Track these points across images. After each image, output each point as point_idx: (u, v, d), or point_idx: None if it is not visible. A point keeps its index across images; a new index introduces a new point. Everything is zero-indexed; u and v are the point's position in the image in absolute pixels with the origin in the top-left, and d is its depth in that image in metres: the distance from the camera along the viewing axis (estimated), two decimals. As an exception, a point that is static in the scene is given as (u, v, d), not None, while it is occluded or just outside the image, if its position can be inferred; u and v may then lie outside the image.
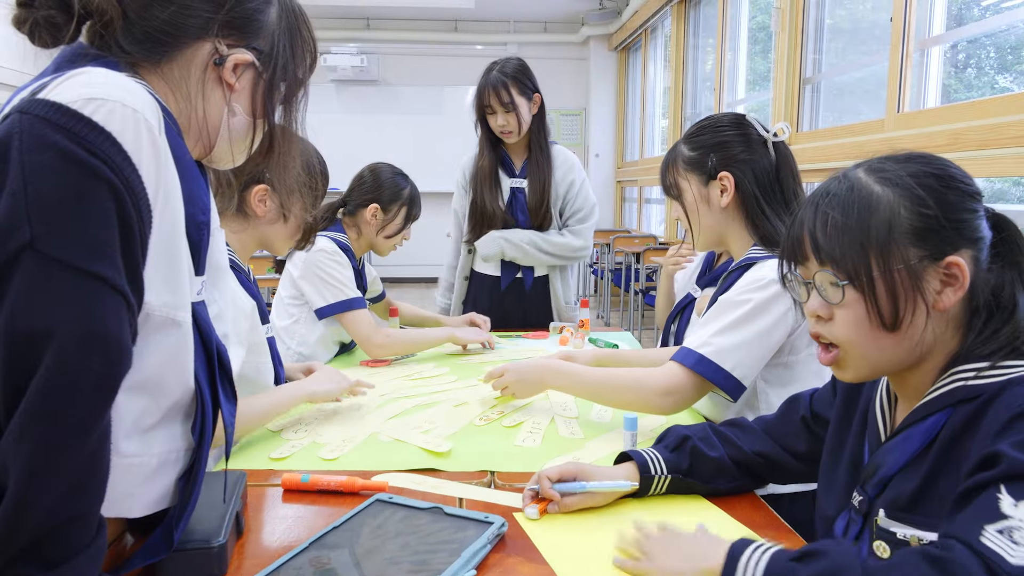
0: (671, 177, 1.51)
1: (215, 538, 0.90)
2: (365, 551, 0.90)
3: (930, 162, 0.86)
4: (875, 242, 0.83)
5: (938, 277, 0.82)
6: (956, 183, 0.84)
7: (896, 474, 0.84)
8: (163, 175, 0.73)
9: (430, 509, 1.00)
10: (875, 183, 0.85)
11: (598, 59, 8.47)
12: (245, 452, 1.32)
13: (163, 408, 0.80)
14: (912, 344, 0.84)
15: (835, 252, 0.85)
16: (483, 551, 0.92)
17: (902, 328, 0.83)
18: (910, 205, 0.83)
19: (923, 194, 0.83)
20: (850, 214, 0.84)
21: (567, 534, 1.00)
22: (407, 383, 1.80)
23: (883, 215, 0.83)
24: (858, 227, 0.84)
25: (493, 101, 2.39)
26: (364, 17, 8.42)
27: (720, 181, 1.44)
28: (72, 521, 0.67)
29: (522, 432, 1.42)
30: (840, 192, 0.87)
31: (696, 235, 1.51)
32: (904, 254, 0.82)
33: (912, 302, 0.82)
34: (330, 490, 1.13)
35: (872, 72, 3.72)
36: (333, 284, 1.98)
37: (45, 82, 0.70)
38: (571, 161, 2.59)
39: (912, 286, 0.82)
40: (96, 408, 0.66)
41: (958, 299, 0.83)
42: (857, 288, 0.84)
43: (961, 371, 0.82)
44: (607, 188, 8.64)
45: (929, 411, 0.83)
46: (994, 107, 2.59)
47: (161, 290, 0.75)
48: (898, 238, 0.82)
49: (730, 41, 5.34)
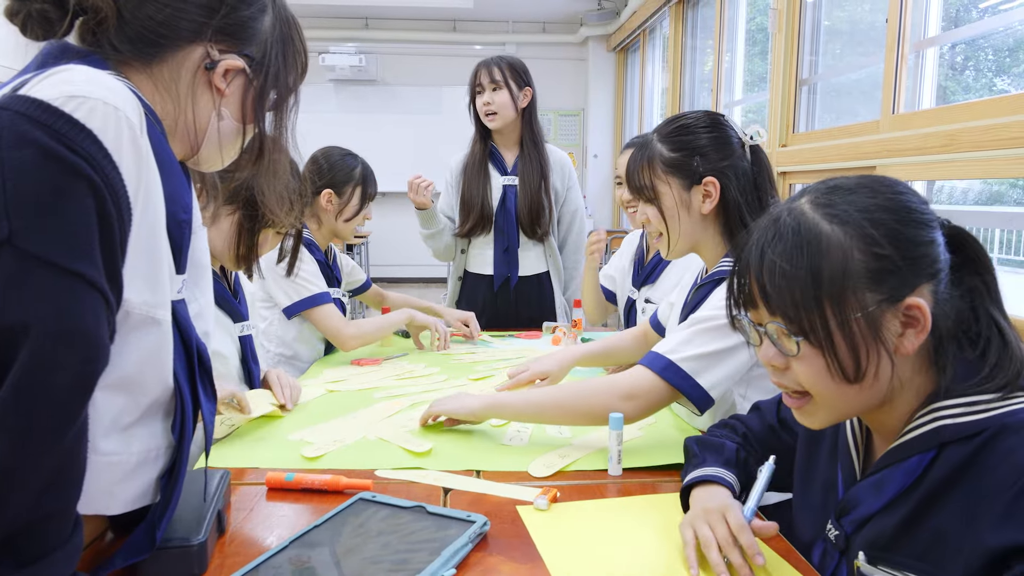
0: (646, 178, 1.38)
1: (195, 536, 0.89)
2: (345, 550, 0.90)
3: (880, 191, 0.80)
4: (828, 291, 0.76)
5: (898, 319, 0.77)
6: (911, 213, 0.79)
7: (875, 514, 0.81)
8: (144, 173, 0.73)
9: (412, 508, 1.00)
10: (823, 220, 0.79)
11: (596, 60, 8.46)
12: (229, 451, 1.32)
13: (142, 406, 0.79)
14: (879, 390, 0.80)
15: (786, 305, 0.79)
16: (464, 550, 0.91)
17: (866, 379, 0.78)
18: (863, 246, 0.77)
19: (876, 233, 0.77)
20: (799, 261, 0.78)
21: (566, 530, 1.00)
22: (397, 383, 1.80)
23: (835, 260, 0.77)
24: (808, 276, 0.77)
25: (483, 78, 2.42)
26: (363, 17, 8.41)
27: (704, 187, 1.34)
28: (47, 518, 0.67)
29: (509, 431, 1.42)
30: (786, 234, 0.80)
31: (672, 242, 1.39)
32: (861, 300, 0.76)
33: (874, 351, 0.77)
34: (314, 489, 1.13)
35: (869, 74, 3.72)
36: (295, 281, 1.96)
37: (27, 78, 0.70)
38: (568, 162, 2.61)
39: (872, 334, 0.77)
40: (72, 404, 0.66)
41: (920, 341, 0.78)
42: (813, 343, 0.78)
43: (941, 408, 0.78)
44: (605, 188, 8.64)
45: (910, 452, 0.79)
46: (989, 108, 2.59)
47: (141, 288, 0.75)
48: (853, 284, 0.76)
49: (728, 42, 5.33)
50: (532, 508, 1.07)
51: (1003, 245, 5.05)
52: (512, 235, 2.53)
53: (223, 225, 1.51)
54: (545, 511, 1.06)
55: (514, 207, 2.51)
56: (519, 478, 1.20)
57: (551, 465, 1.23)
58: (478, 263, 2.62)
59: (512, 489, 1.14)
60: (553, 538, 0.99)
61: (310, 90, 8.45)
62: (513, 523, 1.03)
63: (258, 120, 0.92)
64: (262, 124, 0.93)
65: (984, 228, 4.97)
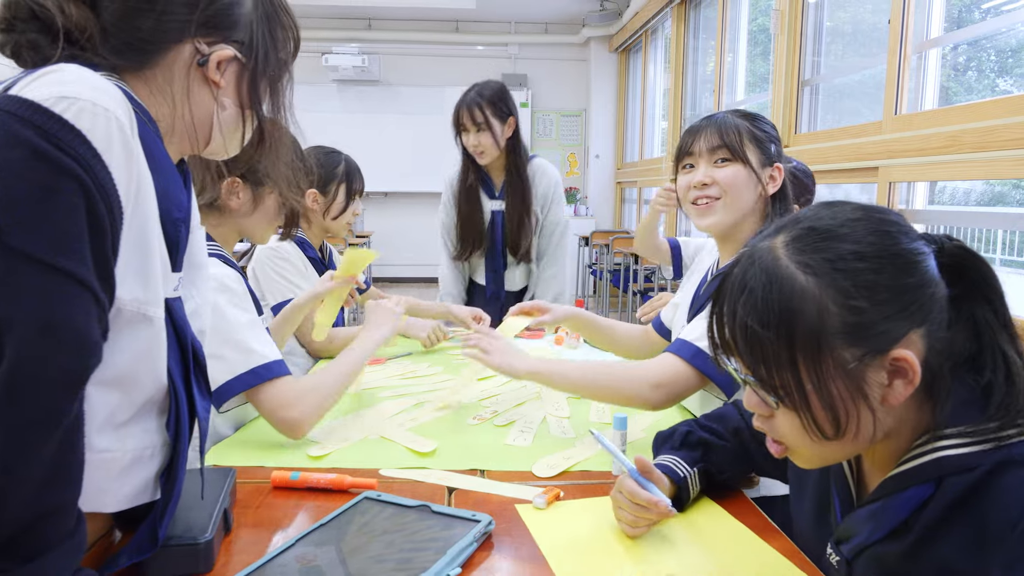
0: (737, 139, 1.41)
1: (201, 534, 0.90)
2: (351, 549, 0.91)
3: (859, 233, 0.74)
4: (803, 351, 0.71)
5: (883, 371, 0.72)
6: (894, 258, 0.72)
7: (873, 545, 0.78)
8: (135, 173, 0.73)
9: (417, 507, 1.01)
10: (797, 271, 0.73)
11: (598, 60, 8.47)
12: (234, 449, 1.33)
13: (136, 403, 0.80)
14: (863, 441, 0.75)
15: (758, 369, 0.74)
16: (469, 549, 0.92)
17: (847, 435, 0.74)
18: (839, 299, 0.71)
19: (852, 286, 0.71)
20: (770, 319, 0.73)
21: (566, 528, 1.01)
22: (401, 382, 1.80)
23: (809, 317, 0.71)
24: (781, 336, 0.72)
25: (466, 120, 2.44)
26: (366, 17, 8.42)
27: (774, 170, 1.42)
28: (48, 514, 0.67)
29: (513, 431, 1.42)
30: (756, 289, 0.74)
31: (727, 210, 1.41)
32: (839, 358, 0.71)
33: (854, 409, 0.72)
34: (319, 488, 1.14)
35: (871, 74, 3.72)
36: (278, 281, 1.96)
37: (18, 78, 0.71)
38: (553, 179, 2.65)
39: (853, 393, 0.72)
40: (61, 399, 0.66)
41: (910, 392, 0.72)
42: (787, 405, 0.74)
43: (941, 439, 0.73)
44: (607, 189, 8.64)
45: (908, 482, 0.75)
46: (992, 109, 2.59)
47: (132, 286, 0.75)
48: (829, 341, 0.71)
49: (730, 43, 5.34)
50: (531, 507, 1.08)
51: (1006, 246, 5.05)
52: (498, 258, 2.66)
53: (267, 204, 1.53)
54: (543, 510, 1.07)
55: (501, 230, 2.60)
56: (523, 478, 1.20)
57: (555, 466, 1.24)
58: (479, 274, 2.75)
59: (516, 489, 1.14)
60: (554, 536, 0.99)
61: (313, 90, 8.50)
62: (517, 522, 1.04)
63: (256, 103, 0.92)
64: (260, 107, 0.93)
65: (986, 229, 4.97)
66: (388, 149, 8.48)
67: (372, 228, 8.46)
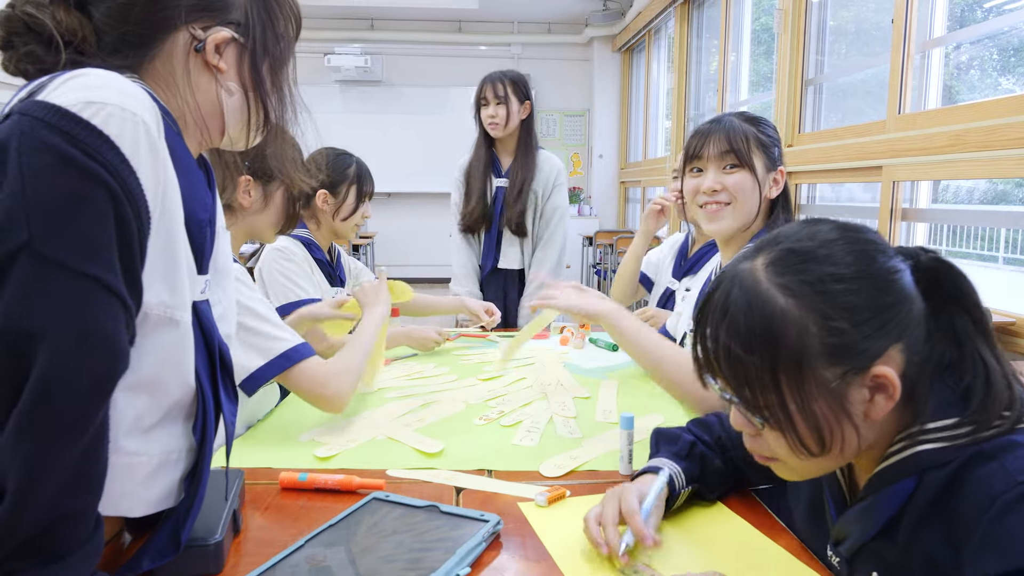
0: (744, 145, 1.47)
1: (211, 535, 0.90)
2: (360, 549, 0.91)
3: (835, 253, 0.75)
4: (785, 373, 0.73)
5: (865, 387, 0.74)
6: (870, 278, 0.74)
7: (869, 542, 0.79)
8: (161, 177, 0.73)
9: (426, 507, 1.01)
10: (777, 294, 0.74)
11: (602, 60, 8.47)
12: (241, 451, 1.33)
13: (163, 407, 0.80)
14: (849, 453, 0.77)
15: (742, 391, 0.76)
16: (478, 549, 0.93)
17: (833, 450, 0.76)
18: (820, 321, 0.73)
19: (831, 307, 0.73)
20: (751, 346, 0.74)
21: (570, 526, 1.01)
22: (408, 383, 1.81)
23: (791, 339, 0.73)
24: (764, 359, 0.74)
25: (488, 92, 2.66)
26: (368, 18, 8.43)
27: (777, 174, 1.50)
28: (69, 518, 0.68)
29: (520, 431, 1.43)
30: (738, 315, 0.76)
31: (737, 214, 1.48)
32: (821, 378, 0.73)
33: (838, 425, 0.74)
34: (327, 488, 1.14)
35: (874, 74, 3.72)
36: (282, 283, 1.96)
37: (44, 82, 0.71)
38: (556, 166, 2.82)
39: (836, 411, 0.74)
40: (91, 406, 0.67)
41: (891, 406, 0.74)
42: (773, 425, 0.76)
43: (920, 434, 0.75)
44: (610, 189, 8.64)
45: (892, 478, 0.77)
46: (995, 108, 2.59)
47: (159, 289, 0.76)
48: (811, 363, 0.72)
49: (733, 42, 5.34)
50: (533, 505, 1.09)
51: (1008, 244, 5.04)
52: (495, 229, 2.80)
53: (276, 201, 1.55)
54: (545, 508, 1.08)
55: (501, 207, 2.77)
56: (531, 478, 1.21)
57: (562, 466, 1.24)
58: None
59: (524, 488, 1.15)
60: (560, 535, 1.00)
61: (315, 91, 8.51)
62: (526, 522, 1.04)
63: (260, 84, 0.91)
64: (265, 86, 0.91)
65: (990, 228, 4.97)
66: (391, 150, 8.49)
67: (376, 229, 8.47)
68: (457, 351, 2.19)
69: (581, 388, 1.74)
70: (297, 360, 1.34)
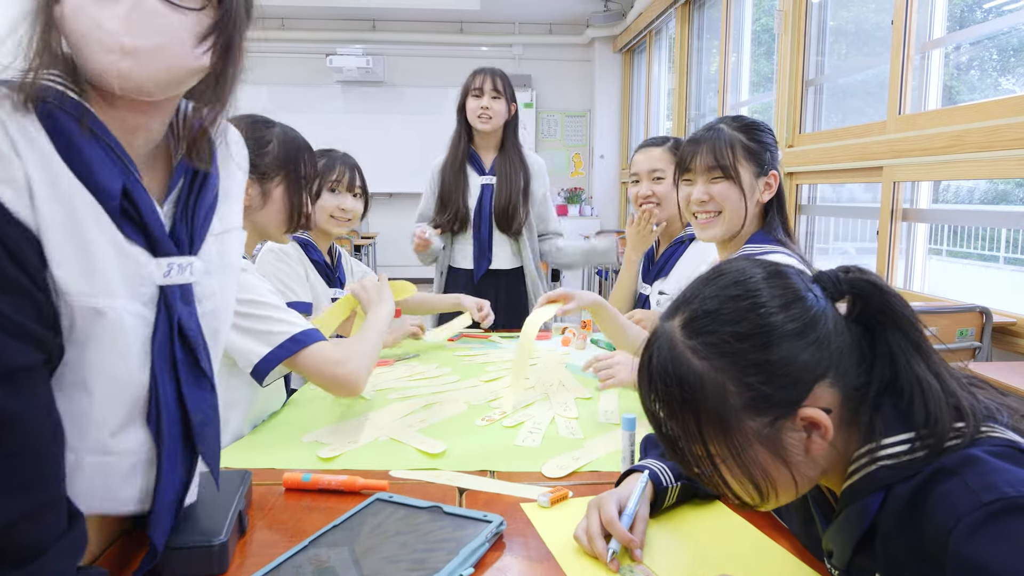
0: (728, 156, 1.51)
1: (216, 536, 0.91)
2: (364, 550, 0.92)
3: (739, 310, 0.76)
4: (711, 431, 0.74)
5: (797, 428, 0.75)
6: (773, 331, 0.74)
7: (854, 557, 0.79)
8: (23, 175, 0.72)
9: (429, 508, 1.02)
10: (693, 356, 0.76)
11: (603, 61, 8.47)
12: (245, 452, 1.34)
13: (125, 404, 0.81)
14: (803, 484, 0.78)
15: (675, 457, 0.79)
16: (481, 549, 0.93)
17: (770, 498, 0.76)
18: (736, 378, 0.74)
19: (741, 366, 0.74)
20: (674, 408, 0.76)
21: (573, 527, 1.01)
22: (410, 383, 1.82)
23: (710, 399, 0.74)
24: (688, 420, 0.75)
25: (487, 84, 2.62)
26: (370, 19, 8.44)
27: (768, 178, 1.53)
28: (26, 518, 0.68)
29: (522, 432, 1.44)
30: (659, 379, 0.77)
31: (727, 223, 1.53)
32: (750, 429, 0.74)
33: (776, 470, 0.75)
34: (331, 489, 1.15)
35: (875, 74, 3.72)
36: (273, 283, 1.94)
37: None
38: (543, 164, 2.80)
39: (773, 456, 0.74)
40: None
41: (829, 439, 0.74)
42: (707, 482, 0.78)
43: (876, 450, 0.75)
44: (611, 189, 8.65)
45: (857, 495, 0.77)
46: (995, 109, 2.59)
47: (75, 278, 0.75)
48: (736, 417, 0.73)
49: (734, 43, 5.34)
50: (536, 505, 1.10)
51: (1009, 244, 5.04)
52: (485, 230, 2.72)
53: (275, 197, 1.55)
54: (547, 508, 1.08)
55: (489, 204, 2.68)
56: (533, 479, 1.21)
57: (564, 466, 1.25)
58: (459, 258, 2.77)
59: (527, 489, 1.15)
60: (562, 535, 1.00)
61: (317, 91, 8.51)
62: (529, 523, 1.05)
63: None
64: None
65: (990, 228, 4.97)
66: (392, 150, 8.49)
67: (377, 229, 8.48)
68: (458, 351, 2.20)
69: (583, 388, 1.75)
70: (307, 343, 1.33)
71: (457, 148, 2.71)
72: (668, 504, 1.07)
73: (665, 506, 1.07)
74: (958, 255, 5.14)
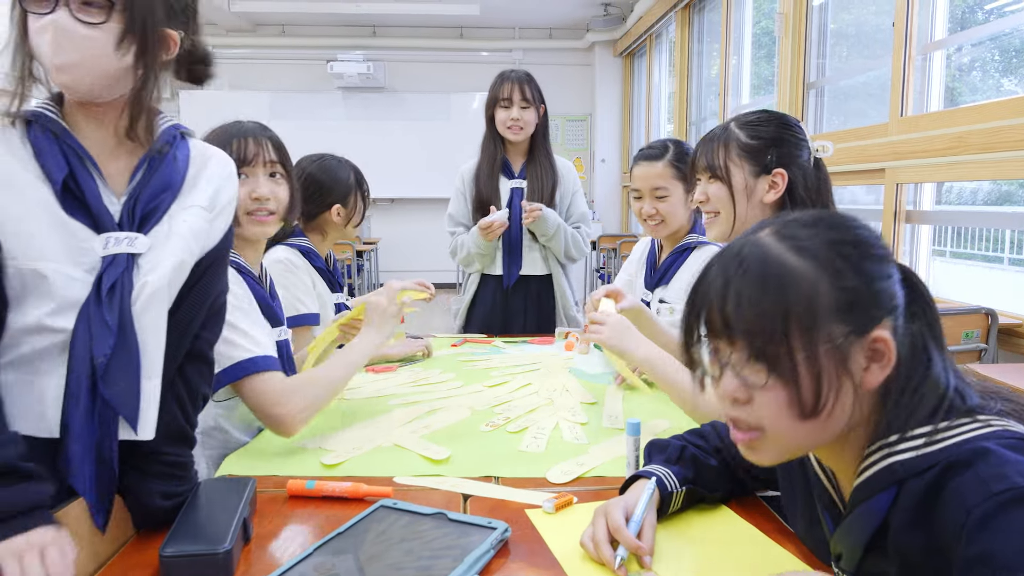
0: (720, 157, 1.46)
1: (221, 544, 0.91)
2: (369, 557, 0.91)
3: (840, 227, 0.79)
4: (796, 323, 0.74)
5: (863, 353, 0.76)
6: (871, 249, 0.77)
7: (865, 557, 0.79)
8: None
9: (434, 515, 1.01)
10: (789, 252, 0.77)
11: (603, 65, 8.48)
12: (249, 459, 1.34)
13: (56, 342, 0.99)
14: (836, 427, 0.78)
15: (752, 334, 0.76)
16: (486, 556, 0.93)
17: (824, 414, 0.76)
18: (830, 278, 0.75)
19: (842, 266, 0.75)
20: (766, 290, 0.75)
21: (578, 533, 1.01)
22: (413, 389, 1.81)
23: (803, 292, 0.75)
24: (776, 307, 0.75)
25: (515, 95, 2.50)
26: (370, 25, 8.46)
27: (772, 177, 1.43)
28: None
29: (526, 437, 1.43)
30: (752, 265, 0.77)
31: (724, 224, 1.48)
32: (829, 332, 0.74)
33: (837, 385, 0.75)
34: (335, 496, 1.15)
35: (876, 76, 3.72)
36: (284, 296, 1.90)
37: None
38: (574, 171, 2.71)
39: (838, 367, 0.75)
40: None
41: (885, 376, 0.76)
42: (777, 375, 0.76)
43: (889, 445, 0.76)
44: (613, 193, 8.65)
45: (870, 492, 0.77)
46: (997, 110, 2.59)
47: (18, 246, 0.96)
48: (821, 316, 0.74)
49: (734, 46, 5.35)
50: (541, 511, 1.09)
51: (1013, 245, 5.03)
52: (516, 234, 2.62)
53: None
54: (552, 514, 1.08)
55: (519, 208, 2.59)
56: (538, 484, 1.21)
57: (569, 472, 1.25)
58: (491, 267, 2.69)
59: (532, 495, 1.15)
60: (566, 541, 1.00)
61: (318, 98, 8.53)
62: (534, 529, 1.04)
63: None
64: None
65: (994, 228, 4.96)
66: (394, 156, 8.51)
67: (379, 235, 8.49)
68: (461, 356, 2.19)
69: (587, 393, 1.74)
70: (251, 372, 1.29)
71: (492, 157, 2.62)
72: (673, 509, 1.06)
73: (670, 511, 1.06)
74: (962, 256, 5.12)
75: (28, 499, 0.87)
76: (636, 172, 2.04)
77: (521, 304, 2.64)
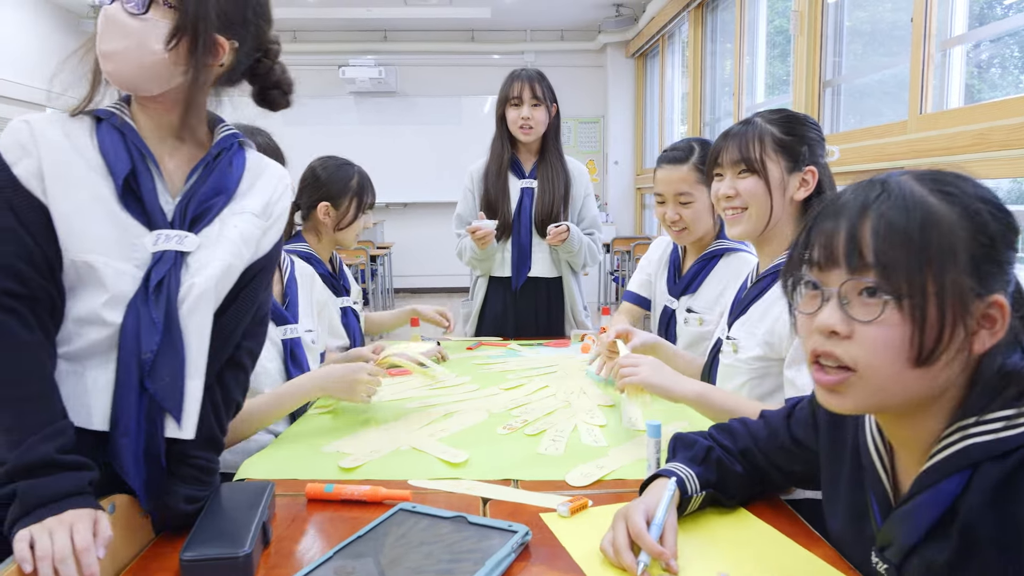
0: (757, 151, 1.43)
1: (240, 547, 0.91)
2: (389, 560, 0.90)
3: (985, 188, 0.77)
4: (935, 260, 0.72)
5: (979, 315, 0.74)
6: (1010, 218, 0.76)
7: (918, 545, 0.77)
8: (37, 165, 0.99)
9: (453, 518, 1.00)
10: (932, 196, 0.75)
11: (615, 66, 8.47)
12: (267, 463, 1.33)
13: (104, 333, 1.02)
14: (933, 385, 0.75)
15: (889, 260, 0.73)
16: (507, 560, 0.92)
17: (933, 363, 0.73)
18: (971, 229, 0.73)
19: (980, 222, 0.74)
20: (912, 221, 0.73)
21: (594, 536, 0.99)
22: (430, 392, 1.80)
23: (944, 233, 0.73)
24: (920, 238, 0.73)
25: (525, 93, 2.47)
26: (382, 29, 8.48)
27: (804, 174, 1.42)
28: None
29: (544, 440, 1.42)
30: (896, 194, 0.75)
31: (754, 220, 1.44)
32: (961, 281, 0.72)
33: (955, 336, 0.73)
34: (354, 500, 1.14)
35: (893, 74, 3.68)
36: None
37: None
38: (585, 173, 2.67)
39: (960, 318, 0.72)
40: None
41: (994, 342, 0.74)
42: (902, 308, 0.73)
43: (968, 427, 0.74)
44: (626, 195, 8.63)
45: (941, 475, 0.75)
46: (1018, 106, 2.56)
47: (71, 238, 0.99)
48: (956, 262, 0.72)
49: (748, 45, 5.31)
50: (556, 515, 1.08)
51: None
52: (525, 235, 2.59)
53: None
54: (567, 518, 1.07)
55: (529, 208, 2.57)
56: (557, 487, 1.19)
57: (589, 475, 1.23)
58: (496, 267, 2.66)
59: (552, 499, 1.13)
60: (583, 544, 0.99)
61: (330, 103, 8.57)
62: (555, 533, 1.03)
63: None
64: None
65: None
66: (406, 160, 8.52)
67: (392, 239, 8.50)
68: (475, 360, 2.18)
69: (604, 396, 1.73)
70: None
71: (500, 156, 2.59)
72: (691, 511, 1.05)
73: (692, 512, 1.05)
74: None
75: (63, 487, 0.91)
76: (659, 175, 1.97)
77: (531, 307, 2.61)
